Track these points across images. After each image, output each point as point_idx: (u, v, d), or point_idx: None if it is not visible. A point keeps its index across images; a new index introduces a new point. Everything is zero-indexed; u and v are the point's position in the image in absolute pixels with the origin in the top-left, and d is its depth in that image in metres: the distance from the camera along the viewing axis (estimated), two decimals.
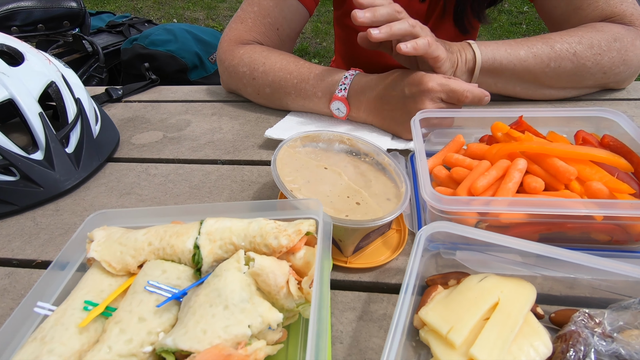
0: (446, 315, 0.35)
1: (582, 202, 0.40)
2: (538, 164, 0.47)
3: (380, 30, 0.55)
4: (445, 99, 0.59)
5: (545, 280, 0.42)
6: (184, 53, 1.45)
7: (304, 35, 3.43)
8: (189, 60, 1.45)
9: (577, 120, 0.54)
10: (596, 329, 0.34)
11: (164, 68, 1.43)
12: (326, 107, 0.68)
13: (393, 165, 0.48)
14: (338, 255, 0.46)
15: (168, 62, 1.45)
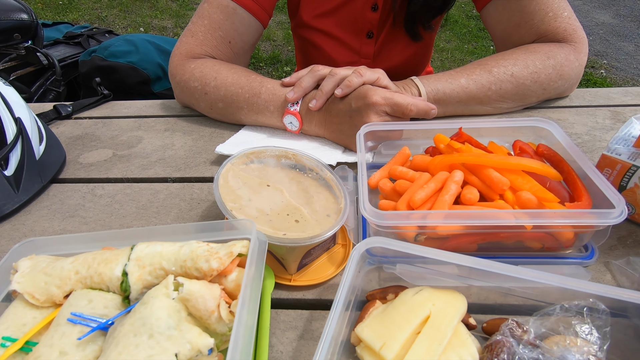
0: (380, 331, 0.36)
1: (512, 212, 0.42)
2: (475, 175, 0.48)
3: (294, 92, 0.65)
4: (390, 112, 0.60)
5: (481, 290, 0.43)
6: (146, 64, 1.42)
7: (275, 43, 3.44)
8: (151, 71, 1.42)
9: (516, 130, 0.56)
10: (523, 337, 0.35)
11: (125, 80, 1.40)
12: (279, 121, 0.68)
13: (335, 180, 0.48)
14: (282, 274, 0.46)
15: (129, 74, 1.42)
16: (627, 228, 0.49)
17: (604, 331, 0.33)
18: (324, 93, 0.62)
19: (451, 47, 3.40)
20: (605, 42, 3.60)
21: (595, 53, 3.42)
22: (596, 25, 3.87)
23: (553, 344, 0.33)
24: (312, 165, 0.51)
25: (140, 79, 1.42)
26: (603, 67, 3.21)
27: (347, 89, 0.61)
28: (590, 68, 3.18)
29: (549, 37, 0.70)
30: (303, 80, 0.64)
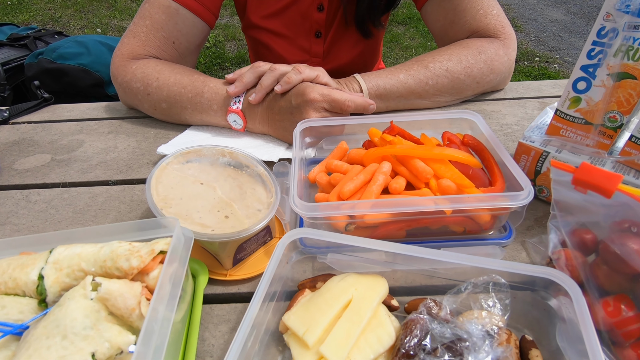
0: (305, 318, 0.37)
1: (432, 199, 0.44)
2: (404, 165, 0.50)
3: (235, 87, 0.65)
4: (328, 108, 0.62)
5: (407, 274, 0.46)
6: (99, 66, 1.37)
7: (241, 43, 3.40)
8: (104, 73, 1.38)
9: (445, 122, 0.59)
10: (439, 314, 0.37)
11: (76, 83, 1.35)
12: (223, 119, 0.69)
13: (268, 175, 0.49)
14: (218, 269, 0.46)
15: (81, 77, 1.37)
16: (543, 209, 0.52)
17: (505, 303, 0.36)
18: (263, 87, 0.63)
19: (415, 45, 3.48)
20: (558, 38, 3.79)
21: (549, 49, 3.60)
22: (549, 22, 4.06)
23: (462, 318, 0.36)
24: (248, 162, 0.51)
25: (93, 82, 1.37)
26: (556, 61, 3.37)
27: (287, 85, 0.62)
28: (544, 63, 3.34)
29: (480, 33, 0.73)
30: (244, 75, 0.65)
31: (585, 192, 0.31)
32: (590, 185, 0.30)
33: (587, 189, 0.31)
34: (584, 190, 0.31)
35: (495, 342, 0.33)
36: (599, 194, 0.30)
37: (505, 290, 0.36)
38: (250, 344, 0.34)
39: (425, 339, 0.35)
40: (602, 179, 0.29)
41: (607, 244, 0.32)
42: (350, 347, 0.34)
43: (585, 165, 0.30)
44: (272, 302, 0.40)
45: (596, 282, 0.35)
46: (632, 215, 0.29)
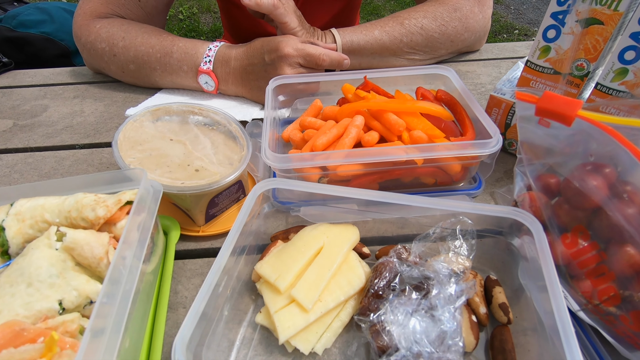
0: (276, 266, 0.37)
1: (403, 148, 0.44)
2: (377, 120, 0.50)
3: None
4: (303, 63, 0.60)
5: (381, 224, 0.46)
6: (63, 35, 1.30)
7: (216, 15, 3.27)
8: (70, 42, 1.30)
9: (419, 78, 0.59)
10: (409, 258, 0.38)
11: (40, 54, 1.27)
12: (194, 81, 0.66)
13: (240, 131, 0.48)
14: (191, 226, 0.46)
15: (45, 46, 1.29)
16: (512, 162, 0.53)
17: (471, 243, 0.37)
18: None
19: None
20: (537, 11, 3.80)
21: (528, 21, 3.60)
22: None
23: (430, 260, 0.37)
24: (219, 118, 0.50)
25: (59, 52, 1.30)
26: (534, 34, 3.39)
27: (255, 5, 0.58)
28: (524, 35, 3.35)
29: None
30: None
31: (548, 125, 0.31)
32: (552, 113, 0.30)
33: (549, 119, 0.31)
34: (547, 123, 0.31)
35: (461, 279, 0.35)
36: (561, 122, 0.30)
37: (471, 231, 0.37)
38: (222, 290, 0.34)
39: (394, 281, 0.36)
40: (563, 105, 0.30)
41: (569, 180, 0.33)
42: (321, 290, 0.35)
43: (548, 94, 0.31)
44: (245, 255, 0.40)
45: (558, 221, 0.36)
46: (592, 144, 0.30)
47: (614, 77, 0.43)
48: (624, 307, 0.29)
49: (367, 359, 0.34)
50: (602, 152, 0.30)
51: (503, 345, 0.33)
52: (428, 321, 0.30)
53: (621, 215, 0.30)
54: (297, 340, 0.34)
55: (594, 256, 0.31)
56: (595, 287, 0.31)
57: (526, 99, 0.32)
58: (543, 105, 0.30)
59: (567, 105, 0.29)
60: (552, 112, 0.30)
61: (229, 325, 0.37)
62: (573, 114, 0.29)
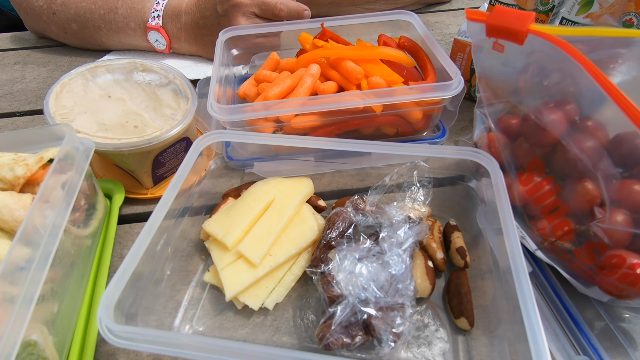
0: (225, 222, 0.35)
1: (360, 94, 0.42)
2: (336, 69, 0.47)
3: None
4: (259, 13, 0.56)
5: (341, 177, 0.44)
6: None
7: None
8: None
9: (382, 25, 0.55)
10: (366, 208, 0.36)
11: None
12: (144, 39, 0.62)
13: (186, 85, 0.45)
14: (138, 189, 0.43)
15: None
16: None
17: (427, 188, 0.35)
18: None
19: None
20: None
21: None
22: None
23: (385, 207, 0.35)
24: (164, 73, 0.46)
25: (9, 23, 1.21)
26: None
27: None
28: None
29: None
30: None
31: (502, 50, 0.29)
32: (503, 30, 0.28)
33: (501, 38, 0.29)
34: (500, 47, 0.29)
35: (416, 223, 0.33)
36: (513, 40, 0.28)
37: (428, 177, 0.35)
38: (160, 249, 0.32)
39: (349, 231, 0.34)
40: (514, 19, 0.27)
41: (528, 116, 0.31)
42: (269, 244, 0.33)
43: (499, 8, 0.28)
44: (195, 216, 0.37)
45: (516, 161, 0.34)
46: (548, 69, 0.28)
47: (579, 9, 0.41)
48: (578, 241, 0.28)
49: (319, 311, 0.32)
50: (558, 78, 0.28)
51: (459, 288, 0.32)
52: (377, 266, 0.28)
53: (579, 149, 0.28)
54: (246, 296, 0.32)
55: (549, 190, 0.29)
56: (550, 223, 0.29)
57: (476, 18, 0.29)
58: (493, 22, 0.28)
59: (518, 19, 0.27)
60: (503, 29, 0.28)
61: (177, 286, 0.35)
62: (524, 28, 0.27)
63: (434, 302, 0.33)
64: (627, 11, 0.38)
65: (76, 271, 0.32)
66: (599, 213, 0.26)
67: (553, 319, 0.30)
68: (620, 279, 0.26)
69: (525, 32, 0.27)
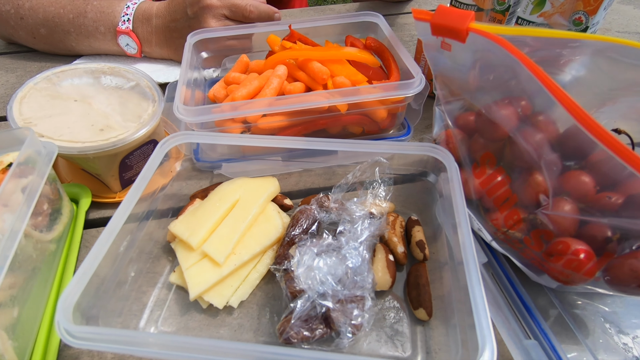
0: (190, 223, 0.35)
1: (325, 94, 0.42)
2: (303, 70, 0.48)
3: None
4: (229, 15, 0.57)
5: (309, 176, 0.45)
6: None
7: None
8: None
9: (349, 27, 0.57)
10: (329, 205, 0.37)
11: None
12: (114, 44, 0.61)
13: (154, 88, 0.45)
14: (107, 193, 0.43)
15: None
16: None
17: (388, 185, 0.36)
18: None
19: None
20: None
21: None
22: None
23: (347, 204, 0.36)
24: (131, 76, 0.46)
25: None
26: None
27: None
28: None
29: None
30: None
31: (449, 49, 0.30)
32: (446, 29, 0.29)
33: (445, 37, 0.30)
34: (448, 46, 0.30)
35: (376, 218, 0.34)
36: (456, 39, 0.29)
37: (389, 172, 0.36)
38: (123, 251, 0.32)
39: (312, 228, 0.35)
40: (455, 18, 0.28)
41: (480, 112, 0.33)
42: (234, 243, 0.34)
43: (441, 7, 0.29)
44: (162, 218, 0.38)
45: (472, 156, 0.35)
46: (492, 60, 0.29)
47: (532, 9, 0.43)
48: (527, 229, 0.29)
49: (283, 307, 0.33)
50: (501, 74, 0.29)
51: (417, 280, 0.33)
52: (335, 260, 0.29)
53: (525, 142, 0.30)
54: (211, 295, 0.32)
55: (500, 182, 0.30)
56: (502, 213, 0.31)
57: (422, 18, 0.30)
58: (437, 21, 0.29)
59: (459, 18, 0.28)
60: (446, 27, 0.29)
61: (143, 288, 0.35)
62: (464, 27, 0.28)
63: (396, 294, 0.34)
64: (576, 10, 0.40)
65: (39, 276, 0.32)
66: (543, 201, 0.27)
67: (506, 307, 0.31)
68: (565, 264, 0.28)
69: (465, 30, 0.28)
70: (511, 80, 0.28)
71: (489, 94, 0.31)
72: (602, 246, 0.28)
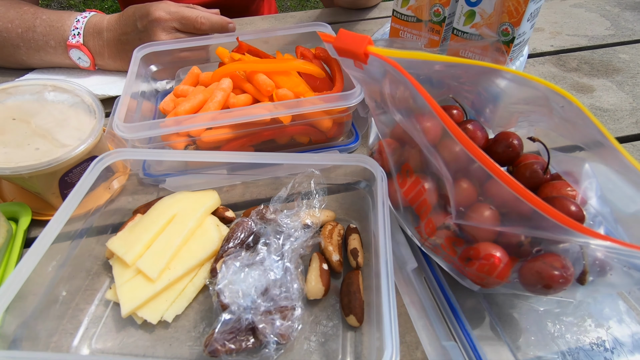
0: (128, 239, 0.36)
1: (268, 106, 0.43)
2: (250, 82, 0.48)
3: None
4: (180, 27, 0.57)
5: (255, 187, 0.46)
6: None
7: None
8: None
9: (300, 37, 0.58)
10: (270, 217, 0.37)
11: None
12: (66, 57, 0.61)
13: (95, 104, 0.45)
14: (49, 210, 0.43)
15: None
16: None
17: (322, 195, 0.37)
18: None
19: None
20: None
21: None
22: None
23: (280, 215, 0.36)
24: (74, 92, 0.46)
25: None
26: None
27: None
28: None
29: None
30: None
31: (362, 68, 0.31)
32: (348, 52, 0.30)
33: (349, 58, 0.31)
34: (360, 65, 0.31)
35: (311, 230, 0.35)
36: (359, 60, 0.30)
37: (323, 183, 0.37)
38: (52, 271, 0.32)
39: (248, 240, 0.35)
40: (354, 42, 0.29)
41: (399, 125, 0.34)
42: (168, 258, 0.34)
43: (342, 32, 0.30)
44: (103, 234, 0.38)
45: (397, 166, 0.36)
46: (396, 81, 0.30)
47: (465, 20, 0.44)
48: (441, 237, 0.30)
49: (214, 320, 0.33)
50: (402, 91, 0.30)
51: (349, 287, 0.33)
52: (259, 273, 0.29)
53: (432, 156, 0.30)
54: (145, 311, 0.33)
55: (418, 192, 0.31)
56: (423, 221, 0.32)
57: (327, 40, 0.31)
58: (339, 44, 0.30)
59: (357, 42, 0.29)
60: (348, 51, 0.30)
61: (80, 306, 0.35)
62: (361, 51, 0.29)
63: (331, 302, 0.35)
64: (502, 22, 0.41)
65: None
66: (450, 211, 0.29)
67: (433, 309, 0.32)
68: (479, 268, 0.29)
69: (362, 53, 0.29)
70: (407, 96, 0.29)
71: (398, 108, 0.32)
72: (515, 250, 0.30)
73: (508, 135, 0.36)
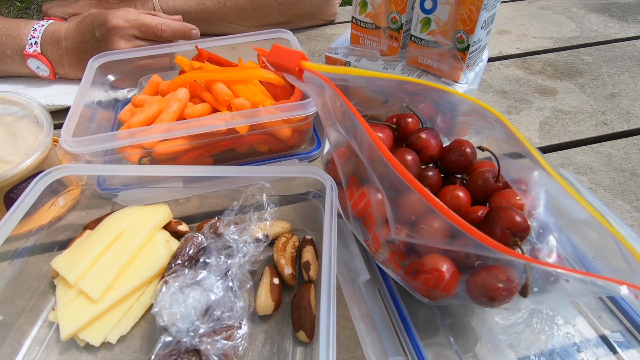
0: (73, 258, 0.35)
1: (224, 117, 0.42)
2: (209, 91, 0.48)
3: None
4: (140, 35, 0.56)
5: (214, 198, 0.45)
6: None
7: None
8: None
9: (262, 44, 0.57)
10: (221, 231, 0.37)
11: None
12: (24, 67, 0.59)
13: (44, 117, 0.44)
14: None
15: None
16: None
17: (273, 209, 0.36)
18: None
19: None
20: None
21: None
22: None
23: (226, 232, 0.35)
24: (23, 104, 0.45)
25: None
26: None
27: None
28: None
29: None
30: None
31: (302, 80, 0.31)
32: (282, 67, 0.30)
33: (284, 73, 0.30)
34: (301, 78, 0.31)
35: (262, 243, 0.34)
36: (294, 75, 0.30)
37: (274, 195, 0.37)
38: None
39: (198, 255, 0.35)
40: (286, 58, 0.29)
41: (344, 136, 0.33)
42: (112, 278, 0.33)
43: (275, 47, 0.30)
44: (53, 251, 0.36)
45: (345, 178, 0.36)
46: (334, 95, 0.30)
47: (421, 27, 0.44)
48: (386, 251, 0.30)
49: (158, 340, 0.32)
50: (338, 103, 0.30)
51: (299, 302, 0.33)
52: (199, 293, 0.29)
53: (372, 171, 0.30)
54: (87, 333, 0.31)
55: (365, 205, 0.31)
56: (370, 234, 0.31)
57: (262, 54, 0.31)
58: (273, 59, 0.29)
59: (289, 58, 0.29)
60: (282, 66, 0.29)
61: (23, 328, 0.34)
62: (294, 66, 0.29)
63: (284, 316, 0.34)
64: (457, 29, 0.41)
65: None
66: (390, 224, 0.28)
67: (384, 322, 0.32)
68: (424, 282, 0.28)
69: (294, 69, 0.29)
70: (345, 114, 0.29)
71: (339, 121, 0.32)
72: (463, 262, 0.29)
73: (461, 143, 0.36)
